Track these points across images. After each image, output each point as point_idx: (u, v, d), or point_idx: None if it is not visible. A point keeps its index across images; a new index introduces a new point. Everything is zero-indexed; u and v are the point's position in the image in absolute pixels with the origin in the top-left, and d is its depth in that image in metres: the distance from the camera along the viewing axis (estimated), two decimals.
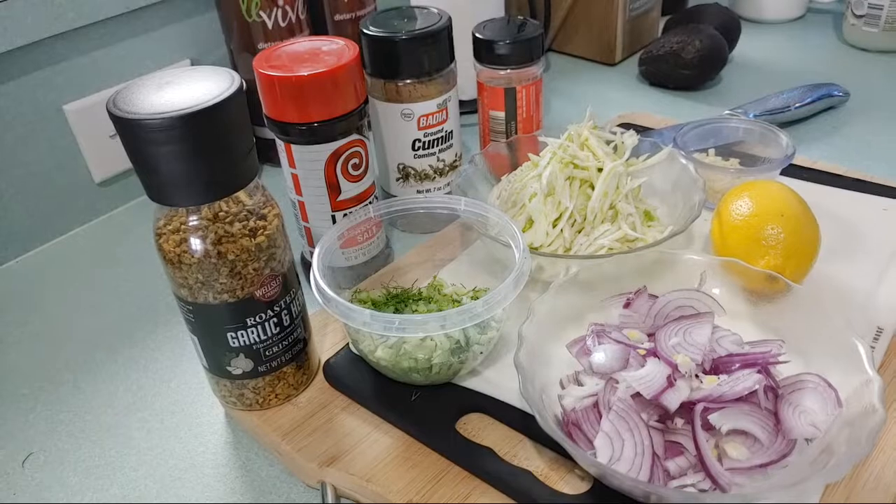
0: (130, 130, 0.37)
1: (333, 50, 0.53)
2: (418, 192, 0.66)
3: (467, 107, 0.79)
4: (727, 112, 0.78)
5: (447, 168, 0.66)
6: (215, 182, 0.40)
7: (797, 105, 0.77)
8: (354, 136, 0.55)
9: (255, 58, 0.53)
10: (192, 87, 0.39)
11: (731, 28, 0.92)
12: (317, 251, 0.48)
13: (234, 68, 0.75)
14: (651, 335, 0.46)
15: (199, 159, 0.39)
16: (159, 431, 0.51)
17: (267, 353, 0.46)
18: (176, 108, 0.37)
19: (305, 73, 0.50)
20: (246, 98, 0.40)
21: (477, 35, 0.67)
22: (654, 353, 0.44)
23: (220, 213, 0.41)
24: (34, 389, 0.55)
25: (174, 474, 0.47)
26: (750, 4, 1.06)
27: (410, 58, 0.60)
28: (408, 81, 0.61)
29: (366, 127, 0.56)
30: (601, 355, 0.44)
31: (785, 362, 0.43)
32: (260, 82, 0.52)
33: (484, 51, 0.66)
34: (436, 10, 0.63)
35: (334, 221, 0.57)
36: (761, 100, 0.78)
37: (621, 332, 0.46)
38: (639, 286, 0.49)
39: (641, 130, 0.74)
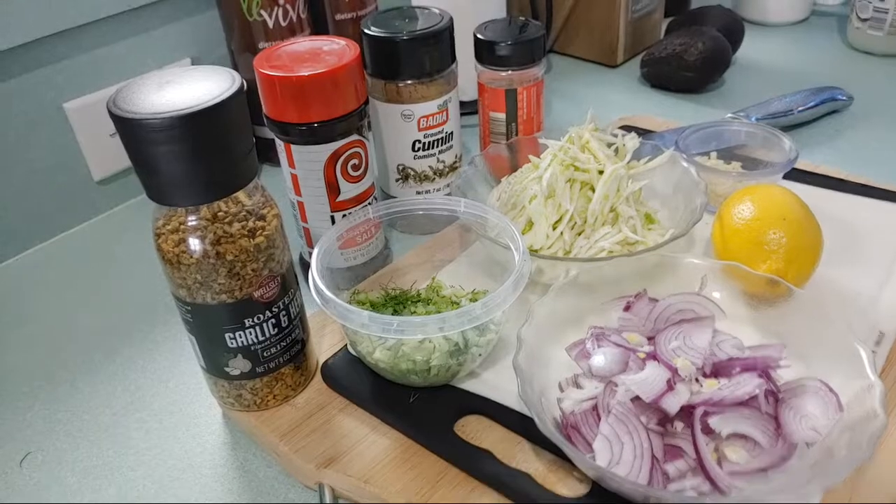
0: (130, 130, 0.37)
1: (334, 50, 0.53)
2: (418, 193, 0.66)
3: (468, 108, 0.78)
4: (730, 115, 0.77)
5: (447, 169, 0.66)
6: (215, 182, 0.40)
7: (800, 109, 0.77)
8: (354, 137, 0.54)
9: (256, 57, 0.53)
10: (192, 87, 0.39)
11: (734, 30, 0.92)
12: (315, 252, 0.48)
13: (235, 68, 0.75)
14: (651, 339, 0.46)
15: (199, 159, 0.38)
16: (157, 432, 0.50)
17: (265, 353, 0.46)
18: (176, 107, 0.37)
19: (306, 73, 0.50)
20: (246, 98, 0.40)
21: (478, 36, 0.66)
22: (653, 356, 0.44)
23: (220, 214, 0.41)
24: (32, 388, 0.55)
25: (172, 474, 0.47)
26: (753, 6, 1.06)
27: (411, 58, 0.60)
28: (408, 82, 0.61)
29: (366, 127, 0.56)
30: (600, 358, 0.44)
31: (786, 367, 0.43)
32: (260, 82, 0.52)
33: (485, 52, 0.66)
34: (437, 11, 0.63)
35: (333, 222, 0.57)
36: (764, 103, 0.78)
37: (621, 335, 0.46)
38: (639, 289, 0.49)
39: (643, 133, 0.73)
